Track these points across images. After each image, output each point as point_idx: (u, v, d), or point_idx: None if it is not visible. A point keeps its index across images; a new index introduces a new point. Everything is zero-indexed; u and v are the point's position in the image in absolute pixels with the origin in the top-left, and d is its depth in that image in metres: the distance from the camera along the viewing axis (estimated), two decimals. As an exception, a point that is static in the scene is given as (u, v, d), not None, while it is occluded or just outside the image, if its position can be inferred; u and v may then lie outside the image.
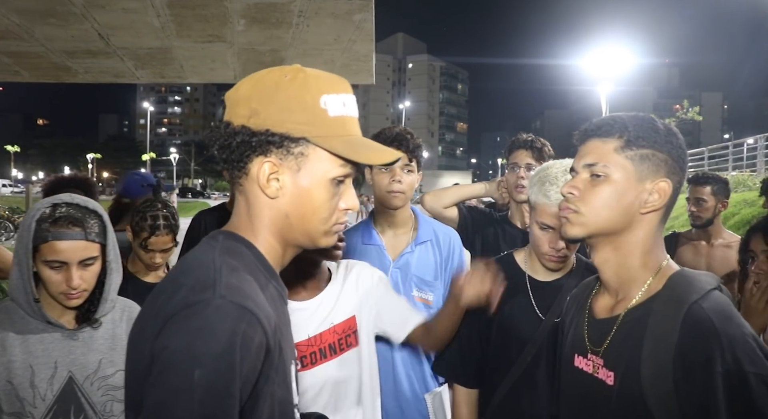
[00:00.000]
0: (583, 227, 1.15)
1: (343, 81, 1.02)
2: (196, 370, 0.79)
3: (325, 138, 0.96)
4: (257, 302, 0.88)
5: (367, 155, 0.98)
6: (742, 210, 9.48)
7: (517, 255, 1.83)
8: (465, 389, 1.83)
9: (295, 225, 1.00)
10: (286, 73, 0.97)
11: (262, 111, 0.95)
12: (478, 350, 1.80)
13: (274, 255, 1.03)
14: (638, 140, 1.12)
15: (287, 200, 0.98)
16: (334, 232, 1.04)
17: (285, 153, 0.96)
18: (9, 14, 3.41)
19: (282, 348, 0.94)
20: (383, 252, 2.16)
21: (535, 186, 1.66)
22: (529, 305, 1.72)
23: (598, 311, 1.22)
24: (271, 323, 0.89)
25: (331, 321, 1.69)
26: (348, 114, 1.00)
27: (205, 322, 0.82)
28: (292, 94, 0.95)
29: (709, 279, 1.09)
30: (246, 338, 0.83)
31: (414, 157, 2.12)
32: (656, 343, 1.04)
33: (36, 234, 1.46)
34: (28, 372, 1.46)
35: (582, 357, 1.20)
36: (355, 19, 3.55)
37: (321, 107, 0.96)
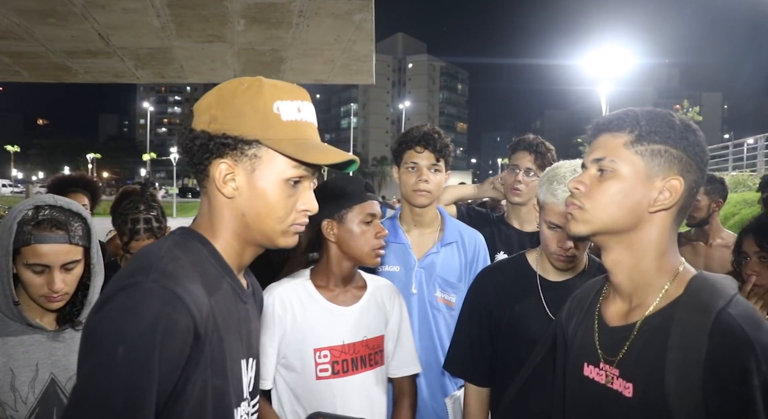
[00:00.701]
0: (587, 224, 1.10)
1: (299, 90, 1.08)
2: (120, 346, 0.85)
3: (277, 141, 1.02)
4: (188, 290, 0.93)
5: (315, 156, 1.02)
6: (742, 210, 9.48)
7: (529, 255, 1.84)
8: (476, 387, 1.84)
9: (251, 224, 1.05)
10: (243, 82, 1.04)
11: (219, 116, 1.02)
12: (489, 349, 1.80)
13: (231, 253, 1.08)
14: (650, 135, 1.06)
15: (243, 200, 1.04)
16: (293, 232, 1.08)
17: (239, 155, 1.02)
18: (9, 14, 3.41)
19: (222, 338, 1.00)
20: (409, 251, 2.17)
21: (543, 185, 1.67)
22: (540, 305, 1.72)
23: (611, 317, 1.16)
24: (202, 310, 0.94)
25: (365, 335, 1.70)
26: (303, 119, 1.06)
27: (133, 303, 0.89)
28: (246, 100, 1.02)
29: (731, 283, 1.03)
30: (170, 320, 0.88)
31: (441, 157, 2.13)
32: (683, 354, 0.97)
33: (18, 236, 1.42)
34: (8, 376, 1.43)
35: (593, 366, 1.14)
36: (355, 19, 3.55)
37: (273, 111, 1.02)
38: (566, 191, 1.58)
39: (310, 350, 1.64)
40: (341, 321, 1.68)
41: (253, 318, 1.17)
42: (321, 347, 1.64)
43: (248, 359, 1.12)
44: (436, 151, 2.11)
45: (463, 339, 1.84)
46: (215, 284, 1.03)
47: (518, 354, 1.71)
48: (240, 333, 1.09)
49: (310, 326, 1.65)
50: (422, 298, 2.12)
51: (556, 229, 1.64)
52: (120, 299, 0.90)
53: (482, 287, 1.84)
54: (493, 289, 1.80)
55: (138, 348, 0.86)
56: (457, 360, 1.85)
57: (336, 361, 1.64)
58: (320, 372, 1.64)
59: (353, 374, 1.67)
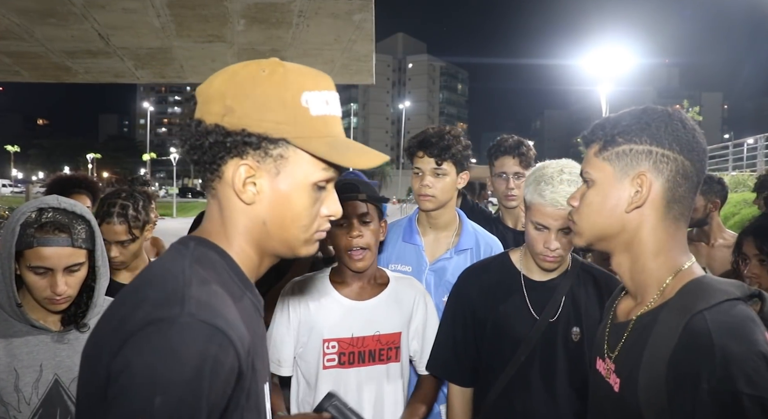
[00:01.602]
0: (580, 236, 1.15)
1: (325, 77, 0.94)
2: (157, 397, 0.71)
3: (307, 139, 0.89)
4: (229, 321, 0.80)
5: (350, 158, 0.91)
6: (742, 210, 9.49)
7: (512, 255, 1.83)
8: (459, 387, 1.83)
9: (273, 233, 0.93)
10: (263, 67, 0.89)
11: (237, 109, 0.88)
12: (473, 349, 1.80)
13: (249, 264, 0.95)
14: (614, 139, 1.08)
15: (265, 206, 0.91)
16: (315, 240, 0.97)
17: (263, 155, 0.89)
18: (9, 14, 3.41)
19: (255, 368, 0.88)
20: (422, 253, 2.15)
21: (530, 186, 1.67)
22: (524, 305, 1.72)
23: (620, 314, 1.19)
24: (245, 344, 0.82)
25: (377, 330, 1.73)
26: (331, 113, 0.93)
27: (170, 343, 0.74)
28: (270, 90, 0.88)
29: (731, 289, 0.99)
30: (216, 363, 0.76)
31: (444, 160, 2.07)
32: (654, 353, 0.99)
33: (20, 239, 1.41)
34: (12, 376, 1.43)
35: (601, 361, 1.18)
36: (355, 19, 3.55)
37: (302, 105, 0.89)
38: (554, 192, 1.59)
39: (320, 340, 1.69)
40: (352, 315, 1.72)
41: (265, 331, 1.07)
42: (329, 338, 1.69)
43: (267, 381, 1.00)
44: (435, 155, 2.07)
45: (447, 340, 1.83)
46: (239, 301, 0.90)
47: (502, 354, 1.72)
48: (263, 355, 0.98)
49: (322, 317, 1.71)
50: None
51: (542, 229, 1.64)
52: (152, 338, 0.75)
53: (466, 287, 1.83)
54: (477, 289, 1.79)
55: (182, 399, 0.72)
56: (441, 360, 1.84)
57: (343, 352, 1.69)
58: (327, 361, 1.69)
59: (360, 366, 1.70)
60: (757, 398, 0.86)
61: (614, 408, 1.08)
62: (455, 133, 2.13)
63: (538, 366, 1.68)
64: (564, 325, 1.70)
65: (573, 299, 1.72)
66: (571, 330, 1.69)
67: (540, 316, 1.70)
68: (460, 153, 2.10)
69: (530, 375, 1.69)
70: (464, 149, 2.11)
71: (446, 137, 2.09)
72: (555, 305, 1.70)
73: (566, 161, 1.68)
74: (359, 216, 1.70)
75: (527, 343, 1.68)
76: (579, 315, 1.70)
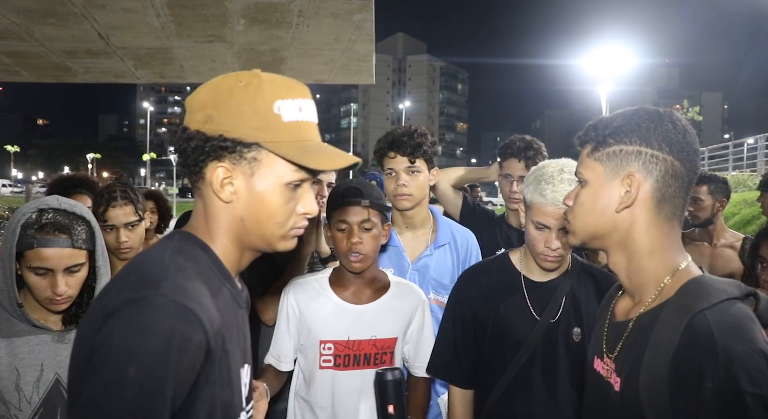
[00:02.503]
0: (574, 235, 1.17)
1: (300, 86, 1.03)
2: (131, 367, 0.80)
3: (278, 143, 0.97)
4: (201, 304, 0.89)
5: (318, 160, 0.99)
6: (742, 210, 9.49)
7: (512, 255, 1.83)
8: (460, 389, 1.83)
9: (250, 229, 1.02)
10: (241, 79, 0.99)
11: (216, 116, 0.97)
12: (473, 350, 1.80)
13: (230, 258, 1.04)
14: (605, 139, 1.10)
15: (242, 204, 1.00)
16: (292, 236, 1.05)
17: (238, 158, 0.98)
18: (9, 14, 3.41)
19: (228, 350, 0.96)
20: (402, 254, 2.16)
21: (531, 185, 1.66)
22: (525, 306, 1.72)
23: (618, 313, 1.19)
24: (214, 325, 0.90)
25: (374, 334, 1.76)
26: (304, 119, 1.01)
27: (144, 319, 0.83)
28: (245, 99, 0.97)
29: (730, 288, 1.00)
30: (184, 338, 0.84)
31: (416, 157, 2.10)
32: (656, 352, 0.99)
33: (21, 240, 1.42)
34: (13, 375, 1.44)
35: (599, 360, 1.18)
36: (355, 19, 3.55)
37: (274, 112, 0.97)
38: (554, 191, 1.59)
39: (317, 341, 1.74)
40: (349, 318, 1.75)
41: (246, 322, 1.14)
42: (326, 339, 1.74)
43: (244, 366, 1.09)
44: (408, 153, 2.09)
45: (447, 342, 1.82)
46: (218, 293, 0.99)
47: (503, 355, 1.72)
48: (239, 340, 1.06)
49: (320, 319, 1.75)
50: None
51: (543, 229, 1.64)
52: (129, 315, 0.84)
53: (466, 288, 1.83)
54: (477, 290, 1.79)
55: (152, 368, 0.81)
56: (441, 362, 1.84)
57: (338, 355, 1.73)
58: (323, 362, 1.74)
59: (354, 369, 1.74)
60: (760, 396, 0.87)
61: (615, 408, 1.09)
62: (422, 131, 2.16)
63: (540, 367, 1.68)
64: (565, 325, 1.69)
65: (573, 300, 1.72)
66: (572, 330, 1.69)
67: (541, 317, 1.70)
68: (430, 150, 2.13)
69: (532, 376, 1.68)
70: (433, 145, 2.15)
71: (415, 136, 2.11)
72: (556, 306, 1.70)
73: (566, 161, 1.67)
74: (360, 223, 1.72)
75: (528, 344, 1.68)
76: (580, 315, 1.70)
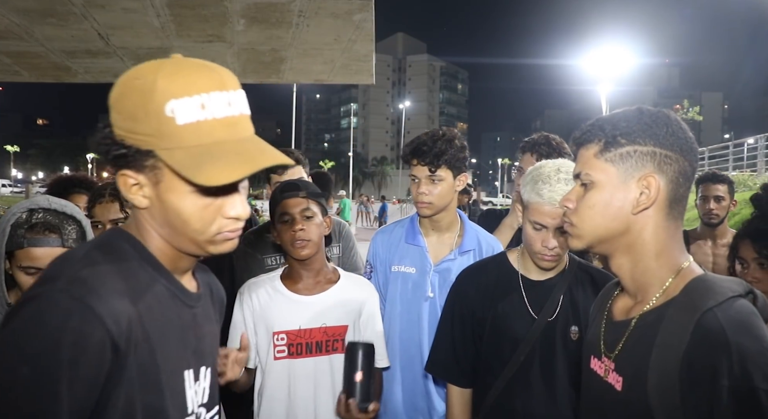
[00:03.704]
0: (580, 239, 1.13)
1: (210, 77, 0.89)
2: (23, 367, 0.77)
3: (170, 151, 0.86)
4: (102, 298, 0.82)
5: (212, 172, 0.84)
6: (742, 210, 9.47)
7: (510, 255, 1.84)
8: (458, 388, 1.83)
9: (173, 235, 0.94)
10: (138, 75, 0.89)
11: (117, 119, 0.89)
12: (472, 349, 1.80)
13: (166, 257, 0.97)
14: (616, 140, 1.07)
15: (157, 211, 0.93)
16: (223, 240, 0.95)
17: (139, 167, 0.89)
18: (9, 14, 3.41)
19: (154, 349, 0.89)
20: (425, 254, 2.15)
21: (528, 185, 1.67)
22: (522, 305, 1.72)
23: (617, 313, 1.18)
24: (120, 321, 0.83)
25: (324, 322, 1.85)
26: (210, 117, 0.87)
27: (35, 316, 0.79)
28: (137, 101, 0.87)
29: (734, 286, 1.01)
30: (79, 335, 0.78)
31: (438, 165, 2.04)
32: (665, 351, 0.98)
33: (11, 239, 1.43)
34: None
35: (597, 360, 1.18)
36: (355, 19, 3.55)
37: (166, 114, 0.85)
38: (551, 191, 1.59)
39: (270, 333, 1.83)
40: (300, 308, 1.84)
41: (205, 321, 1.06)
42: (279, 330, 1.83)
43: (199, 368, 1.01)
44: (428, 163, 2.06)
45: (446, 341, 1.83)
46: (145, 289, 0.91)
47: (501, 354, 1.72)
48: (184, 340, 0.98)
49: (272, 311, 1.84)
50: (435, 303, 2.11)
51: (540, 229, 1.64)
52: (23, 313, 0.80)
53: (464, 287, 1.83)
54: (475, 289, 1.79)
55: (42, 367, 0.76)
56: (440, 361, 1.84)
57: (291, 344, 1.82)
58: (278, 352, 1.82)
59: (307, 357, 1.82)
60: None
61: (616, 407, 1.08)
62: (449, 136, 2.09)
63: (538, 366, 1.69)
64: (562, 324, 1.70)
65: (571, 299, 1.72)
66: (570, 329, 1.69)
67: (539, 316, 1.70)
68: (455, 157, 2.07)
69: (530, 375, 1.69)
70: (459, 151, 2.08)
71: (438, 143, 2.05)
72: (553, 305, 1.71)
73: (562, 161, 1.68)
74: (301, 212, 1.83)
75: (526, 343, 1.69)
76: (577, 314, 1.70)
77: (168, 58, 0.92)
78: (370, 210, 29.51)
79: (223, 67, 0.93)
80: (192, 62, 0.91)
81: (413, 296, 2.13)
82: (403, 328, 2.14)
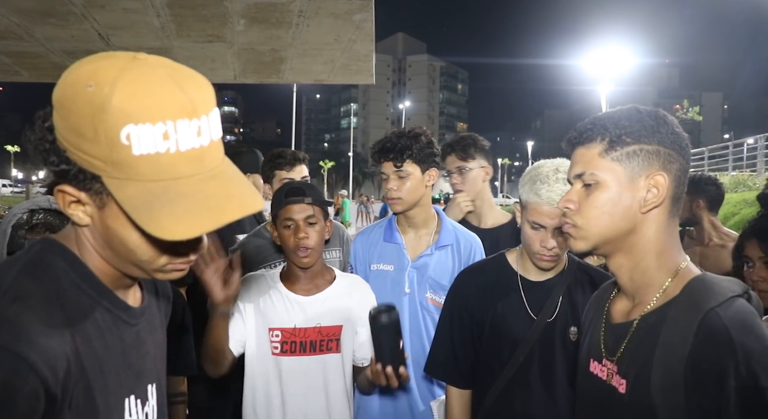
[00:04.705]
0: (586, 240, 1.11)
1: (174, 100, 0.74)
2: None
3: (121, 182, 0.74)
4: (35, 344, 0.72)
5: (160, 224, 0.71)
6: (742, 210, 9.48)
7: (509, 255, 1.84)
8: (457, 389, 1.83)
9: (117, 259, 0.84)
10: (91, 79, 0.73)
11: (59, 125, 0.75)
12: (471, 350, 1.80)
13: (106, 277, 0.86)
14: (621, 139, 1.06)
15: (99, 234, 0.82)
16: (171, 269, 0.85)
17: (82, 186, 0.77)
18: (9, 14, 3.41)
19: (92, 386, 0.80)
20: (403, 251, 2.18)
21: (526, 185, 1.67)
22: (521, 305, 1.72)
23: (616, 315, 1.17)
24: (56, 368, 0.73)
25: (318, 322, 1.87)
26: (174, 149, 0.73)
27: None
28: (86, 114, 0.72)
29: (733, 286, 1.01)
30: (8, 388, 0.69)
31: (403, 160, 2.10)
32: (668, 352, 0.98)
33: (12, 240, 1.43)
34: None
35: (597, 363, 1.17)
36: (355, 19, 3.55)
37: (121, 141, 0.71)
38: (550, 191, 1.59)
39: (266, 329, 1.85)
40: (295, 308, 1.86)
41: (149, 335, 0.97)
42: (274, 327, 1.85)
43: (145, 389, 0.94)
44: (392, 159, 2.10)
45: (445, 342, 1.83)
46: (83, 315, 0.81)
47: (500, 355, 1.72)
48: (125, 364, 0.89)
49: (269, 309, 1.87)
50: (413, 298, 2.13)
51: (539, 229, 1.64)
52: None
53: (463, 288, 1.83)
54: (474, 290, 1.79)
55: None
56: (439, 362, 1.84)
57: (285, 342, 1.84)
58: (273, 348, 1.85)
59: (300, 355, 1.84)
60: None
61: (620, 410, 1.07)
62: (415, 133, 2.13)
63: (537, 367, 1.69)
64: (562, 325, 1.70)
65: (570, 299, 1.72)
66: (569, 329, 1.69)
67: (537, 316, 1.70)
68: (421, 152, 2.10)
69: (529, 376, 1.69)
70: (426, 147, 2.12)
71: (402, 140, 2.10)
72: (552, 305, 1.71)
73: (561, 161, 1.68)
74: (305, 219, 1.83)
75: (525, 343, 1.69)
76: (576, 315, 1.70)
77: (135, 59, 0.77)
78: (370, 210, 29.50)
79: (196, 81, 0.79)
80: (159, 76, 0.75)
81: (392, 293, 2.13)
82: None
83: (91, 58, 0.78)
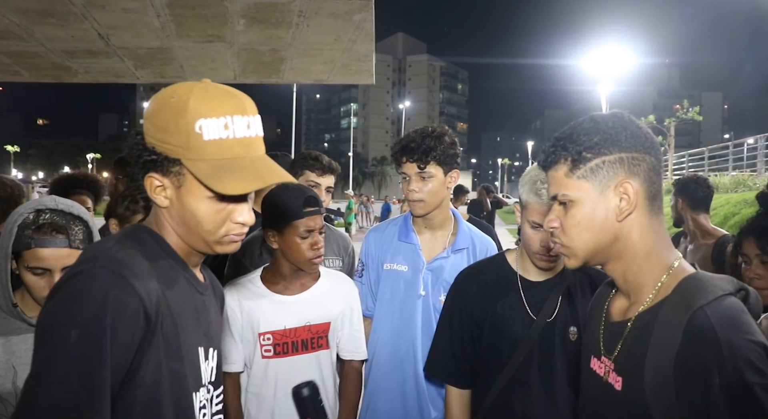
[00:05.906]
0: (576, 257, 1.14)
1: (234, 102, 1.05)
2: (73, 331, 0.89)
3: (195, 161, 1.02)
4: (136, 273, 0.97)
5: (227, 183, 1.00)
6: (742, 210, 9.48)
7: (508, 255, 1.84)
8: (457, 389, 1.83)
9: (187, 233, 1.09)
10: (174, 94, 1.04)
11: (150, 130, 1.04)
12: (471, 350, 1.80)
13: (180, 251, 1.12)
14: (582, 156, 1.09)
15: (176, 210, 1.08)
16: (229, 241, 1.10)
17: (165, 171, 1.05)
18: (9, 14, 3.41)
19: (176, 323, 1.04)
20: (418, 252, 2.15)
21: (526, 185, 1.67)
22: (521, 305, 1.72)
23: (614, 313, 1.20)
24: (150, 294, 0.97)
25: (308, 320, 1.89)
26: (232, 136, 1.03)
27: (81, 287, 0.93)
28: (170, 116, 1.02)
29: (724, 284, 1.02)
30: (118, 302, 0.92)
31: (427, 162, 2.02)
32: (659, 350, 1.00)
33: (18, 240, 1.44)
34: (10, 373, 1.45)
35: (596, 360, 1.19)
36: (355, 19, 3.55)
37: (195, 131, 1.01)
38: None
39: (256, 334, 1.87)
40: (283, 309, 1.88)
41: (211, 308, 1.20)
42: (264, 331, 1.87)
43: (208, 348, 1.15)
44: (417, 160, 2.03)
45: (444, 341, 1.83)
46: (167, 273, 1.06)
47: (500, 355, 1.72)
48: (198, 321, 1.12)
49: (256, 313, 1.88)
50: (427, 300, 2.11)
51: (539, 229, 1.64)
52: (68, 287, 0.94)
53: (463, 288, 1.83)
54: (473, 290, 1.79)
55: (90, 330, 0.89)
56: (439, 362, 1.85)
57: (278, 343, 1.86)
58: (264, 352, 1.87)
59: (293, 355, 1.87)
60: (766, 385, 0.90)
61: (616, 407, 1.09)
62: (438, 133, 2.06)
63: (537, 367, 1.69)
64: (561, 325, 1.70)
65: (569, 299, 1.72)
66: (569, 329, 1.70)
67: (537, 316, 1.70)
68: (444, 153, 2.03)
69: (529, 376, 1.69)
70: (449, 147, 2.04)
71: (427, 140, 2.02)
72: (552, 305, 1.71)
73: None
74: (320, 229, 1.89)
75: (525, 343, 1.69)
76: (576, 315, 1.70)
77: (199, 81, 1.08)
78: (370, 210, 29.50)
79: (244, 95, 1.09)
80: (220, 88, 1.06)
81: (405, 294, 2.12)
82: (395, 326, 2.12)
83: (171, 85, 1.08)
